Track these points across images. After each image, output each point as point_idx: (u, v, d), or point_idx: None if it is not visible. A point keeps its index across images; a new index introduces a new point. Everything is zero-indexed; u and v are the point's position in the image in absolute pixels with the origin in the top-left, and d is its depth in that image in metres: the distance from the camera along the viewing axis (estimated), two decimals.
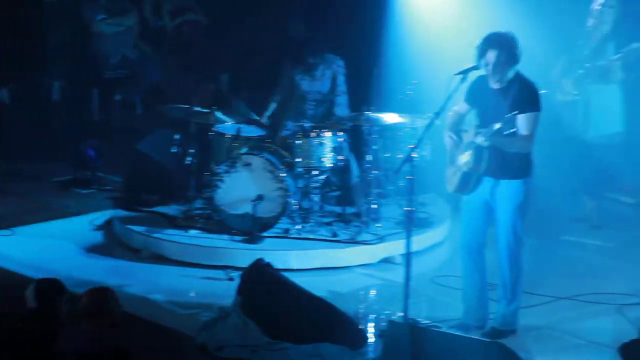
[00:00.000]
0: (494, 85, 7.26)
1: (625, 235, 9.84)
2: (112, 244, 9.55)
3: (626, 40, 9.58)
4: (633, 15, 9.74)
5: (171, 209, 9.81)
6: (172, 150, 9.91)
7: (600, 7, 9.67)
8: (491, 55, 7.12)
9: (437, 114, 7.23)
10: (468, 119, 7.53)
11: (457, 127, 7.50)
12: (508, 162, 7.24)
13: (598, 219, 10.07)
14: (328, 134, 9.37)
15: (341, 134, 9.48)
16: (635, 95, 9.80)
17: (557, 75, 9.76)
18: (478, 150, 7.22)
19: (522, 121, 7.09)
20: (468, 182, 7.36)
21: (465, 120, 7.54)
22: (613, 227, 10.02)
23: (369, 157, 9.52)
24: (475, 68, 7.25)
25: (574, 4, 9.90)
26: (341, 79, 9.93)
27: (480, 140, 7.14)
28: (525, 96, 7.15)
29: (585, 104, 9.75)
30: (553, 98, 9.69)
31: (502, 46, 7.11)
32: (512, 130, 7.02)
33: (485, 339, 7.14)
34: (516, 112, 7.01)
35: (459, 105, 7.51)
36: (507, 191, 7.31)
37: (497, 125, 7.03)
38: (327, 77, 9.95)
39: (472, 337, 7.09)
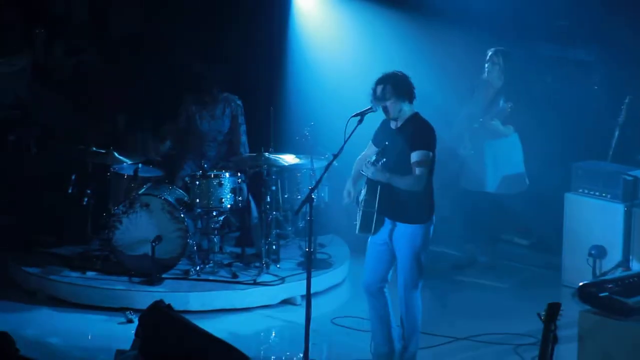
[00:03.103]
0: (393, 125, 7.38)
1: (520, 276, 10.02)
2: (7, 286, 9.32)
3: (513, 95, 9.80)
4: (520, 71, 10.00)
5: (68, 250, 9.64)
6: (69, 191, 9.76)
7: (487, 63, 9.90)
8: (379, 90, 7.28)
9: (336, 156, 7.30)
10: None
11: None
12: (404, 204, 7.28)
13: (493, 260, 10.22)
14: (227, 175, 9.36)
15: (240, 174, 9.48)
16: (524, 144, 10.03)
17: (458, 127, 9.93)
18: (370, 187, 7.29)
19: (413, 159, 7.18)
20: (369, 222, 7.35)
21: None
22: (508, 268, 10.19)
23: (268, 198, 9.52)
24: (372, 110, 7.36)
25: (476, 55, 10.13)
26: (242, 119, 9.96)
27: (365, 171, 7.23)
28: (417, 135, 7.24)
29: (480, 157, 9.92)
30: (456, 149, 9.90)
31: (387, 80, 7.28)
32: (384, 160, 7.12)
33: None
34: (387, 143, 7.13)
35: (368, 148, 7.59)
36: (405, 235, 7.35)
37: (373, 158, 7.16)
38: (227, 116, 9.97)
39: None
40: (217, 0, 11.13)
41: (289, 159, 9.58)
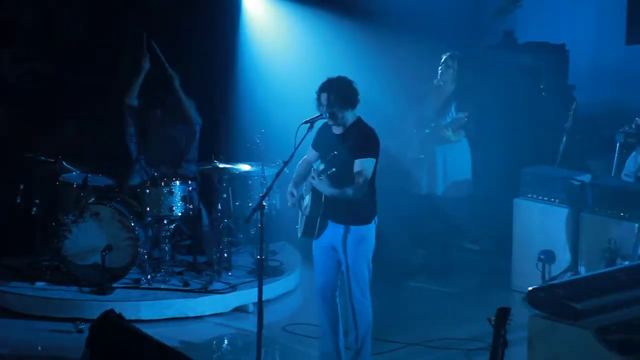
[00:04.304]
0: (336, 130, 7.37)
1: (470, 281, 10.07)
2: None
3: (465, 102, 9.85)
4: (472, 77, 10.05)
5: (16, 261, 9.54)
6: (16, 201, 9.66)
7: (441, 66, 9.93)
8: (323, 98, 7.26)
9: (286, 162, 7.29)
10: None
11: (304, 178, 7.52)
12: (352, 208, 7.28)
13: (444, 265, 10.26)
14: (177, 183, 9.33)
15: (191, 182, 9.45)
16: (473, 150, 10.09)
17: (407, 130, 9.95)
18: (315, 193, 7.29)
19: (356, 167, 7.17)
20: (312, 226, 7.37)
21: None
22: (459, 273, 10.24)
23: (219, 206, 9.50)
24: (322, 117, 7.33)
25: (424, 60, 10.18)
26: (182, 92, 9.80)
27: (310, 180, 7.24)
28: (361, 142, 7.24)
29: (430, 162, 9.97)
30: (404, 153, 9.93)
31: (331, 89, 7.25)
32: (333, 170, 7.13)
33: None
34: (335, 152, 7.15)
35: (309, 153, 7.59)
36: (356, 237, 7.36)
37: (322, 166, 7.16)
38: (181, 119, 9.87)
39: None
40: (167, 8, 11.07)
41: (240, 166, 9.57)
